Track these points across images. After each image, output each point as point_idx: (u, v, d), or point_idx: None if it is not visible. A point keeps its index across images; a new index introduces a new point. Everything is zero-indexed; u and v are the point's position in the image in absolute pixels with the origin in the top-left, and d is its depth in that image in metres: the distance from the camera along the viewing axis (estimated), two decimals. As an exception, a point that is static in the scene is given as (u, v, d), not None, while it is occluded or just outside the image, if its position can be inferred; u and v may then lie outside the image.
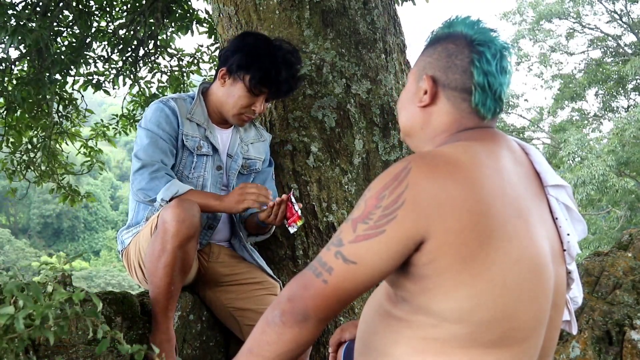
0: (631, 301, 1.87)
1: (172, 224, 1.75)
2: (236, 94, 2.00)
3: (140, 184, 1.93)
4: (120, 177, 39.86)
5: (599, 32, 18.29)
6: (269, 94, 2.01)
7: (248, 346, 1.05)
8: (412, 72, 1.22)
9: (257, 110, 2.02)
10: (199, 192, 1.96)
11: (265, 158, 2.23)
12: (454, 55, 1.13)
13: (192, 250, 1.82)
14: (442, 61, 1.14)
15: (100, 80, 4.90)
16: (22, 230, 33.80)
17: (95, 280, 22.06)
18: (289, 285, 1.03)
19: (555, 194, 1.12)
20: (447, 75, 1.13)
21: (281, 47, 1.99)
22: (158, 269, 1.78)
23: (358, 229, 0.98)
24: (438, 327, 0.98)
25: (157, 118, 1.99)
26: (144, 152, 1.95)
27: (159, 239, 1.78)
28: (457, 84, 1.12)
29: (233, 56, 1.99)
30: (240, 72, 1.98)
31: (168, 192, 1.88)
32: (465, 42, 1.13)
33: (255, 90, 1.98)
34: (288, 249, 2.33)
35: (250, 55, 1.96)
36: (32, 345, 1.42)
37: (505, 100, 1.15)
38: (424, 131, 1.17)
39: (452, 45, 1.14)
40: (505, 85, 1.12)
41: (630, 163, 13.78)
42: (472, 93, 1.11)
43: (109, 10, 4.59)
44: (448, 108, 1.13)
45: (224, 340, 2.16)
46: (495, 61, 1.10)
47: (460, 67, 1.12)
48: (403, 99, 1.23)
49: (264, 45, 1.98)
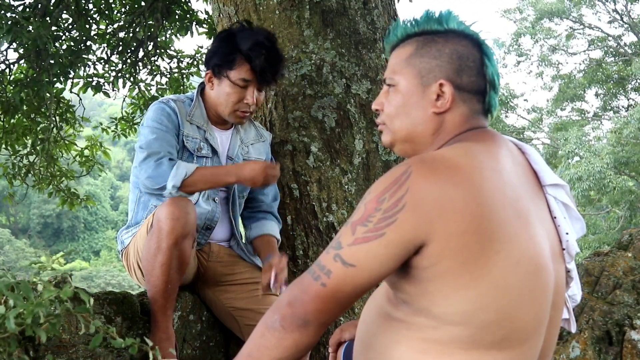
0: (631, 301, 1.87)
1: (167, 222, 1.75)
2: (225, 92, 2.00)
3: (147, 172, 1.88)
4: (120, 177, 39.83)
5: (599, 32, 18.28)
6: (256, 82, 1.98)
7: (247, 350, 1.04)
8: (404, 74, 1.15)
9: (249, 102, 1.99)
10: (207, 169, 1.93)
11: (265, 159, 2.23)
12: (465, 57, 1.11)
13: (188, 249, 1.81)
14: (454, 64, 1.11)
15: (100, 82, 4.89)
16: (22, 230, 33.79)
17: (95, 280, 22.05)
18: (289, 290, 1.02)
19: (554, 193, 1.12)
20: (462, 78, 1.11)
21: (255, 34, 1.98)
22: (155, 268, 1.78)
23: (357, 232, 0.97)
24: (438, 329, 0.98)
25: (159, 116, 1.98)
26: (148, 145, 1.92)
27: (154, 238, 1.78)
28: (472, 87, 1.11)
29: (213, 57, 2.00)
30: (222, 70, 1.98)
31: (177, 178, 1.84)
32: (471, 43, 1.12)
33: (240, 82, 1.97)
34: (288, 249, 2.33)
35: (226, 52, 1.97)
36: (32, 345, 1.42)
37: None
38: (434, 136, 1.13)
39: (461, 47, 1.12)
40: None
41: (630, 163, 13.77)
42: (487, 93, 1.12)
43: (108, 13, 4.58)
44: (463, 111, 1.12)
45: (224, 340, 2.16)
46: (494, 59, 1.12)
47: (475, 69, 1.11)
48: (401, 104, 1.15)
49: (238, 38, 1.97)
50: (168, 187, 1.85)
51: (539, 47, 19.17)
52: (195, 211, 1.83)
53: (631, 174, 14.09)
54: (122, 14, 4.82)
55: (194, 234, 1.85)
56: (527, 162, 1.14)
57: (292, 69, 2.40)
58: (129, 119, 5.46)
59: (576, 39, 18.77)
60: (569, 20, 18.46)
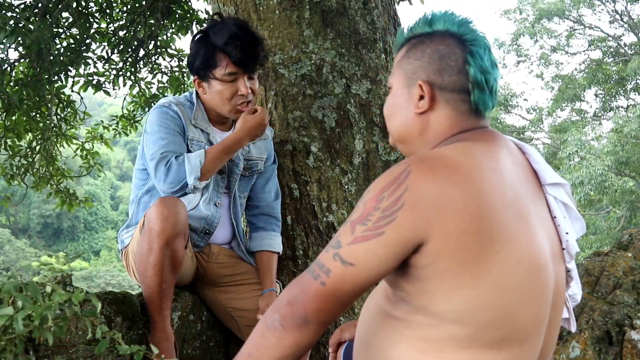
0: (631, 301, 1.87)
1: (156, 222, 1.75)
2: (217, 91, 1.98)
3: (163, 179, 1.88)
4: (120, 177, 39.84)
5: (599, 32, 18.28)
6: (243, 72, 1.97)
7: (247, 350, 1.04)
8: (396, 76, 1.18)
9: (244, 92, 1.98)
10: (215, 148, 1.95)
11: (268, 156, 2.22)
12: (446, 57, 1.11)
13: (180, 248, 1.80)
14: (435, 64, 1.12)
15: (101, 81, 4.89)
16: (22, 230, 33.79)
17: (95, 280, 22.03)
18: (288, 289, 1.02)
19: (554, 193, 1.12)
20: (443, 77, 1.11)
21: (226, 27, 1.97)
22: (148, 269, 1.78)
23: (356, 231, 0.98)
24: (437, 328, 0.98)
25: (164, 120, 1.97)
26: (157, 152, 1.92)
27: (145, 239, 1.78)
28: (455, 86, 1.11)
29: (194, 62, 1.99)
30: (206, 72, 1.98)
31: (195, 169, 1.86)
32: (455, 41, 1.11)
33: (227, 77, 1.96)
34: (288, 249, 2.33)
35: (204, 53, 1.96)
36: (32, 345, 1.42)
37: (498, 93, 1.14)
38: (423, 137, 1.15)
39: (443, 46, 1.12)
40: (498, 78, 1.12)
41: (630, 163, 13.78)
42: (471, 92, 1.10)
43: (109, 12, 4.59)
44: (448, 111, 1.12)
45: (224, 340, 2.16)
46: (486, 56, 1.10)
47: (456, 68, 1.10)
48: (392, 106, 1.19)
49: (211, 36, 1.96)
50: (190, 182, 1.86)
51: (539, 47, 19.19)
52: (185, 209, 1.83)
53: (631, 174, 14.10)
54: (122, 13, 4.83)
55: (185, 232, 1.84)
56: (527, 162, 1.14)
57: (292, 69, 2.40)
58: (130, 117, 5.47)
59: (576, 39, 18.78)
60: (569, 20, 18.46)
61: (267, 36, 2.44)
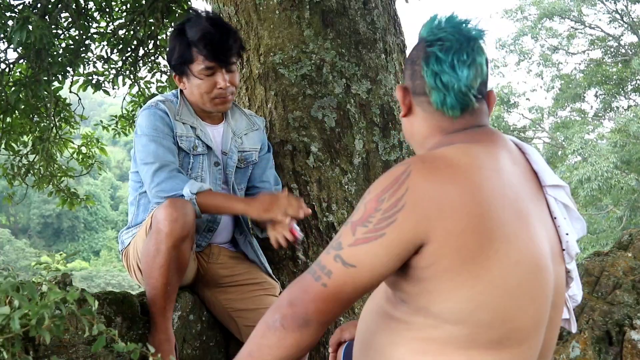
0: (631, 301, 1.87)
1: (165, 223, 1.74)
2: (195, 85, 1.98)
3: (161, 186, 1.90)
4: (120, 177, 39.81)
5: (599, 32, 18.28)
6: (219, 64, 1.96)
7: (247, 350, 1.05)
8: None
9: (222, 85, 1.97)
10: (221, 194, 1.98)
11: (261, 146, 2.21)
12: (415, 62, 1.14)
13: (187, 250, 1.81)
14: (409, 69, 1.16)
15: (100, 81, 4.89)
16: (22, 230, 33.79)
17: (95, 280, 22.03)
18: (289, 289, 1.02)
19: (554, 194, 1.12)
20: (414, 82, 1.14)
21: (199, 22, 1.97)
22: (153, 270, 1.77)
23: (357, 232, 0.98)
24: (437, 328, 0.98)
25: (153, 122, 1.97)
26: (154, 155, 1.93)
27: (152, 240, 1.77)
28: (420, 90, 1.13)
29: (172, 58, 2.00)
30: (184, 68, 1.98)
31: (195, 186, 1.88)
32: (422, 46, 1.13)
33: (204, 72, 1.96)
34: (288, 249, 2.32)
35: (180, 49, 1.96)
36: (32, 345, 1.42)
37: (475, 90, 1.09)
38: (413, 138, 1.20)
39: (415, 51, 1.15)
40: (468, 77, 1.07)
41: (632, 162, 13.78)
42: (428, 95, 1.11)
43: (109, 11, 4.58)
44: (422, 114, 1.15)
45: (224, 340, 2.16)
46: (451, 57, 1.07)
47: (418, 72, 1.13)
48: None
49: (187, 32, 1.96)
50: (185, 195, 1.87)
51: (540, 46, 19.19)
52: (194, 212, 1.83)
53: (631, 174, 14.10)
54: (122, 13, 4.83)
55: (193, 235, 1.84)
56: (527, 162, 1.14)
57: (292, 69, 2.40)
58: (129, 117, 5.46)
59: (577, 38, 18.77)
60: (569, 19, 18.45)
61: (267, 36, 2.44)
